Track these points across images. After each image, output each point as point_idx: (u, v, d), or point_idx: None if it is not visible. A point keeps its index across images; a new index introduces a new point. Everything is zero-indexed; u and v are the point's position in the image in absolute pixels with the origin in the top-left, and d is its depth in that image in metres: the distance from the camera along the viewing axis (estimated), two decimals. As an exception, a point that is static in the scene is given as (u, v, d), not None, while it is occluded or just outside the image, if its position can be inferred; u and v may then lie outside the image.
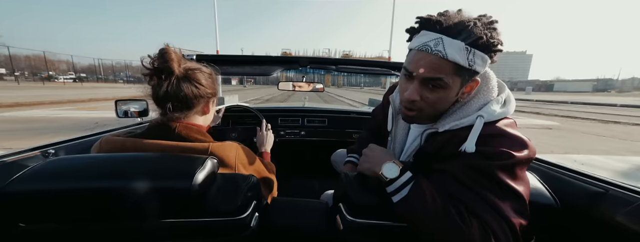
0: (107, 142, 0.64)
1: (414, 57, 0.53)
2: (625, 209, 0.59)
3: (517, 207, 0.48)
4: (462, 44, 0.48)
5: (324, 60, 1.43)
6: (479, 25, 0.48)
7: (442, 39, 0.49)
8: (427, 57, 0.50)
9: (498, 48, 0.50)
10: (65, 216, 0.49)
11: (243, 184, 0.57)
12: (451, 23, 0.49)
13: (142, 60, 0.63)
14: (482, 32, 0.48)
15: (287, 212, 0.69)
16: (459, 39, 0.48)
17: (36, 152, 0.84)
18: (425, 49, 0.50)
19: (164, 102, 0.64)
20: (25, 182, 0.47)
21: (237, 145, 0.72)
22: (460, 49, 0.48)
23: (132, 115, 1.24)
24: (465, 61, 0.49)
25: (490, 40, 0.48)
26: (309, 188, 1.29)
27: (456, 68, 0.50)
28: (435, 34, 0.50)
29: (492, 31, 0.49)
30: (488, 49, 0.49)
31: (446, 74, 0.50)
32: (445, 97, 0.54)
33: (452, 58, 0.48)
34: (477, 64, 0.50)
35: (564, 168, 0.80)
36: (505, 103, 0.58)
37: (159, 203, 0.48)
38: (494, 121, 0.54)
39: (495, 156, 0.49)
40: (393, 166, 0.55)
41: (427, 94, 0.54)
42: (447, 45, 0.48)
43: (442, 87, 0.52)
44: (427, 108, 0.56)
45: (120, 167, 0.51)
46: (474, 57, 0.49)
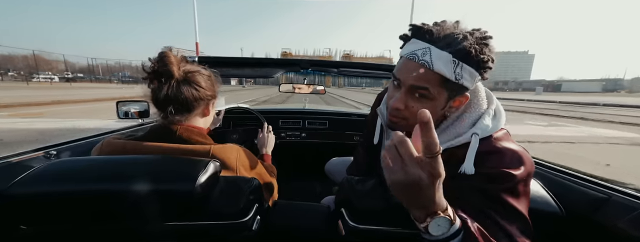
0: (108, 145, 0.64)
1: (402, 65, 0.53)
2: (628, 216, 0.59)
3: (523, 228, 0.48)
4: (449, 56, 0.47)
5: (325, 63, 1.43)
6: (470, 39, 0.47)
7: (430, 49, 0.49)
8: (414, 66, 0.50)
9: (488, 65, 0.49)
10: (67, 219, 0.50)
11: (245, 187, 0.57)
12: (442, 34, 0.49)
13: (144, 64, 0.64)
14: (471, 46, 0.47)
15: (288, 216, 0.69)
16: (446, 51, 0.47)
17: (39, 153, 0.85)
18: (413, 57, 0.50)
19: (164, 106, 0.65)
20: (27, 185, 0.47)
21: (238, 147, 0.72)
22: (447, 61, 0.47)
23: (133, 116, 1.25)
24: (451, 74, 0.48)
25: (480, 56, 0.47)
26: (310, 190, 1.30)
27: (442, 80, 0.49)
28: (424, 43, 0.50)
29: (484, 46, 0.48)
30: (477, 65, 0.48)
31: (432, 85, 0.50)
32: (430, 108, 0.50)
33: (438, 69, 0.48)
34: (465, 78, 0.49)
35: (567, 173, 0.80)
36: (496, 114, 0.58)
37: (161, 206, 0.48)
38: (488, 136, 0.54)
39: (498, 178, 0.48)
40: (444, 221, 0.40)
41: (412, 103, 0.54)
42: (434, 56, 0.48)
43: (427, 97, 0.52)
44: (411, 118, 0.55)
45: (123, 170, 0.51)
46: (461, 71, 0.48)
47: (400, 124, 0.58)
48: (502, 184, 0.48)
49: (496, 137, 0.54)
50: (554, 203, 0.63)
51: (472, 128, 0.54)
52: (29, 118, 6.09)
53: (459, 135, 0.55)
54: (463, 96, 0.54)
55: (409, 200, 0.40)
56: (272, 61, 1.44)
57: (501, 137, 0.54)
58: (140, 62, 0.64)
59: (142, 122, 1.33)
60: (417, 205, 0.40)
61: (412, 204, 0.40)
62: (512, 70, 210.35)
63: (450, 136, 0.56)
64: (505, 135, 0.56)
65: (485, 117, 0.55)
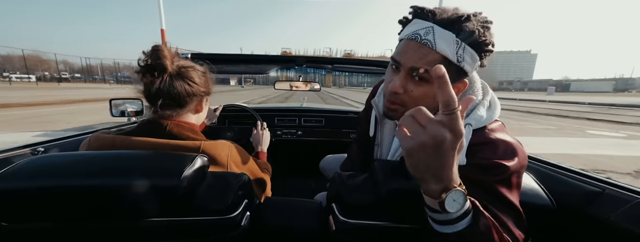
0: (96, 140, 0.64)
1: (402, 47, 0.52)
2: (621, 209, 0.59)
3: (517, 221, 0.48)
4: (453, 36, 0.47)
5: (320, 59, 1.44)
6: (473, 20, 0.47)
7: (433, 28, 0.48)
8: (415, 46, 0.49)
9: (489, 48, 0.49)
10: (48, 215, 0.49)
11: (234, 183, 0.56)
12: (445, 14, 0.48)
13: (139, 60, 0.63)
14: (475, 27, 0.46)
15: (279, 212, 0.69)
16: (450, 31, 0.47)
17: (26, 150, 0.85)
18: (415, 37, 0.49)
19: (155, 100, 0.64)
20: (5, 180, 0.46)
21: (230, 144, 0.72)
22: (451, 41, 0.47)
23: (129, 114, 1.26)
24: (454, 55, 0.47)
25: (482, 38, 0.47)
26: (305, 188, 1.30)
27: (444, 62, 0.48)
28: (427, 22, 0.49)
29: (486, 29, 0.48)
30: (479, 47, 0.48)
31: (428, 66, 0.48)
32: (430, 93, 0.52)
33: (441, 49, 0.47)
34: (466, 61, 0.48)
35: (560, 167, 0.81)
36: (491, 106, 0.57)
37: (145, 201, 0.48)
38: (482, 127, 0.53)
39: (491, 169, 0.48)
40: (459, 195, 0.39)
41: (411, 86, 0.52)
42: (438, 35, 0.47)
43: (427, 80, 0.51)
44: (410, 103, 0.54)
45: (106, 165, 0.51)
46: (463, 52, 0.47)
47: (398, 111, 0.56)
48: (495, 175, 0.48)
49: (490, 128, 0.54)
50: (546, 196, 0.64)
51: (466, 118, 0.53)
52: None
53: None
54: (461, 82, 0.53)
55: (428, 169, 0.37)
56: (268, 58, 1.44)
57: (495, 129, 0.54)
58: (137, 60, 0.63)
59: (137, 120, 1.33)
60: (436, 175, 0.37)
61: (431, 174, 0.37)
62: (514, 70, 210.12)
63: None
64: (499, 126, 0.56)
65: (479, 108, 0.55)
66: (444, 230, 0.41)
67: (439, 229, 0.42)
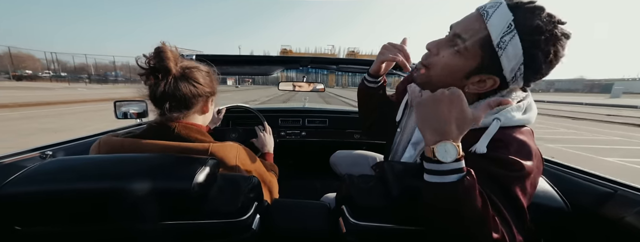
0: (105, 143, 0.65)
1: (467, 15, 0.53)
2: (634, 209, 0.60)
3: (519, 220, 0.48)
4: (511, 17, 0.45)
5: (324, 60, 1.45)
6: (544, 15, 0.45)
7: (500, 4, 0.47)
8: (474, 16, 0.50)
9: (546, 60, 0.46)
10: (61, 219, 0.50)
11: (244, 185, 0.57)
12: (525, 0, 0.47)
13: (138, 60, 0.63)
14: (540, 23, 0.44)
15: (288, 214, 0.70)
16: (513, 14, 0.45)
17: (34, 154, 0.87)
18: (481, 8, 0.50)
19: (161, 102, 0.65)
20: (19, 185, 0.47)
21: (238, 145, 0.73)
22: (505, 20, 0.45)
23: (132, 116, 1.28)
24: (497, 36, 0.46)
25: (542, 37, 0.44)
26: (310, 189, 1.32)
27: (484, 41, 0.48)
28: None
29: (554, 35, 0.45)
30: (531, 45, 0.45)
31: (472, 39, 0.49)
32: (454, 65, 0.53)
33: (490, 24, 0.46)
34: (506, 51, 0.46)
35: (572, 169, 0.82)
36: (526, 111, 0.57)
37: (157, 204, 0.49)
38: (511, 126, 0.54)
39: (508, 164, 0.49)
40: (451, 148, 0.44)
41: (444, 51, 0.54)
42: (498, 11, 0.46)
43: (458, 50, 0.51)
44: (435, 68, 0.56)
45: (118, 168, 0.52)
46: (509, 39, 0.45)
47: (425, 76, 0.59)
48: (511, 171, 0.48)
49: (519, 130, 0.54)
50: (560, 199, 0.65)
51: (496, 114, 0.54)
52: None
53: None
54: (489, 77, 0.52)
55: (427, 120, 0.47)
56: (272, 59, 1.46)
57: (523, 132, 0.54)
58: (135, 59, 0.64)
59: (140, 123, 1.36)
60: (433, 127, 0.46)
61: (429, 125, 0.47)
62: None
63: None
64: (527, 131, 0.55)
65: (513, 109, 0.54)
66: (433, 179, 0.46)
67: (429, 178, 0.46)
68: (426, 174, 0.47)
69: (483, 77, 0.53)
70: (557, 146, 5.35)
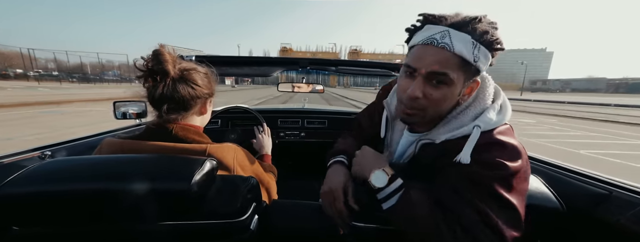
0: (107, 145, 0.67)
1: (418, 52, 0.54)
2: (630, 211, 0.61)
3: (511, 220, 0.49)
4: (468, 37, 0.50)
5: (323, 61, 1.47)
6: (484, 21, 0.51)
7: (449, 32, 0.51)
8: (433, 51, 0.52)
9: (500, 46, 0.52)
10: (59, 219, 0.50)
11: (242, 186, 0.58)
12: (458, 18, 0.52)
13: (136, 62, 0.64)
14: (486, 28, 0.51)
15: (287, 215, 0.71)
16: (465, 32, 0.50)
17: (35, 154, 0.88)
18: (431, 42, 0.52)
19: (159, 104, 0.66)
20: (17, 185, 0.48)
21: (236, 146, 0.74)
22: (467, 42, 0.50)
23: (131, 116, 1.30)
24: (471, 56, 0.51)
25: (494, 37, 0.51)
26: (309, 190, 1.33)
27: (461, 63, 0.51)
28: (441, 26, 0.52)
29: (495, 30, 0.52)
30: (491, 46, 0.52)
31: (452, 69, 0.51)
32: (449, 95, 0.55)
33: (459, 51, 0.50)
34: (481, 61, 0.52)
35: (568, 170, 0.83)
36: (502, 109, 0.60)
37: (156, 205, 0.49)
38: (490, 129, 0.56)
39: (491, 166, 0.51)
40: (381, 174, 0.59)
41: (430, 91, 0.54)
42: (454, 38, 0.50)
43: (446, 83, 0.53)
44: (429, 107, 0.56)
45: (115, 169, 0.52)
46: (478, 52, 0.51)
47: (417, 115, 0.59)
48: (495, 172, 0.50)
49: (498, 131, 0.56)
50: (555, 199, 0.66)
51: (475, 121, 0.57)
52: None
53: (461, 127, 0.57)
54: (474, 82, 0.57)
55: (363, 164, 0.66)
56: (271, 60, 1.47)
57: (503, 131, 0.56)
58: (133, 61, 0.65)
59: (140, 123, 1.38)
60: (367, 165, 0.64)
61: (364, 165, 0.66)
62: (529, 69, 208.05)
63: (451, 127, 0.59)
64: (507, 130, 0.58)
65: (489, 111, 0.58)
66: (385, 206, 0.58)
67: (383, 206, 0.58)
68: (381, 204, 0.59)
69: (470, 85, 0.57)
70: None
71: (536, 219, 0.53)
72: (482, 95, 0.61)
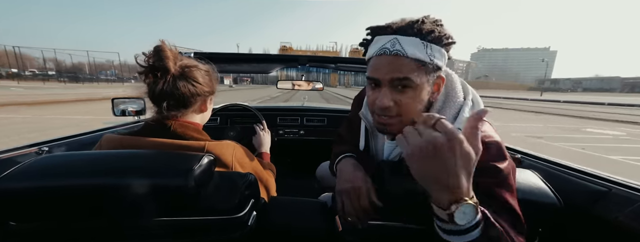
0: (106, 141, 0.67)
1: (375, 63, 0.56)
2: (628, 208, 0.62)
3: (515, 222, 0.49)
4: (417, 39, 0.52)
5: (323, 58, 1.48)
6: (427, 21, 0.53)
7: (397, 39, 0.53)
8: (388, 59, 0.54)
9: (450, 40, 0.55)
10: (56, 215, 0.51)
11: (240, 182, 0.59)
12: (402, 23, 0.54)
13: (137, 58, 0.64)
14: (432, 27, 0.53)
15: (285, 212, 0.71)
16: (413, 36, 0.53)
17: (31, 149, 0.89)
18: (384, 51, 0.54)
19: (160, 101, 0.66)
20: (12, 180, 0.48)
21: (235, 144, 0.75)
22: (418, 44, 0.52)
23: (130, 114, 1.31)
24: (425, 55, 0.53)
25: (441, 33, 0.53)
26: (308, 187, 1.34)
27: (418, 64, 0.53)
28: (389, 36, 0.54)
29: (440, 27, 0.54)
30: (441, 42, 0.54)
31: (411, 72, 0.53)
32: (418, 97, 0.56)
33: (412, 54, 0.52)
34: (437, 57, 0.54)
35: (566, 167, 0.83)
36: (474, 105, 0.61)
37: (153, 201, 0.49)
38: None
39: (488, 171, 0.50)
40: (469, 209, 0.40)
41: (399, 97, 0.56)
42: (404, 43, 0.53)
43: (411, 86, 0.54)
44: (404, 112, 0.57)
45: (112, 165, 0.53)
46: (431, 50, 0.53)
47: (394, 125, 0.59)
48: (491, 178, 0.50)
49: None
50: (553, 195, 0.66)
51: (455, 123, 0.58)
52: None
53: None
54: (439, 78, 0.58)
55: (430, 175, 0.41)
56: (270, 57, 1.49)
57: (484, 129, 0.57)
58: (134, 57, 0.65)
59: (138, 120, 1.39)
60: (440, 183, 0.40)
61: (435, 181, 0.41)
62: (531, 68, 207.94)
63: None
64: (487, 126, 0.59)
65: (464, 110, 0.59)
66: (452, 239, 0.43)
67: (447, 238, 0.43)
68: (443, 233, 0.44)
69: (435, 82, 0.58)
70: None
71: (534, 215, 0.53)
72: (452, 93, 0.62)
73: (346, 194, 0.61)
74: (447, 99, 0.62)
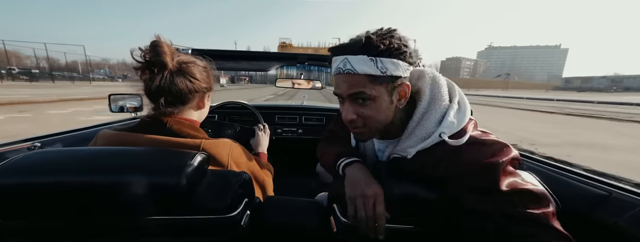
0: (102, 137, 0.68)
1: (335, 81, 0.63)
2: (628, 213, 0.62)
3: (534, 200, 0.52)
4: (365, 56, 0.57)
5: (322, 57, 1.49)
6: (374, 37, 0.57)
7: (347, 58, 0.58)
8: (343, 77, 0.60)
9: (402, 50, 0.58)
10: (43, 212, 0.50)
11: (234, 181, 0.59)
12: (352, 43, 0.59)
13: (132, 53, 0.65)
14: (377, 42, 0.56)
15: (280, 211, 0.72)
16: (360, 54, 0.57)
17: (24, 145, 0.90)
18: (338, 71, 0.60)
19: (156, 97, 0.67)
20: (1, 176, 0.48)
21: (232, 142, 0.75)
22: (365, 61, 0.57)
23: (128, 110, 1.33)
24: (375, 70, 0.57)
25: (390, 46, 0.57)
26: (306, 187, 1.35)
27: (371, 78, 0.58)
28: (341, 56, 0.60)
29: (389, 38, 0.57)
30: (391, 54, 0.57)
31: (365, 87, 0.58)
32: (379, 107, 0.61)
33: (362, 71, 0.57)
34: (390, 69, 0.57)
35: (566, 170, 0.84)
36: (461, 107, 0.64)
37: (144, 199, 0.49)
38: (459, 130, 0.60)
39: (485, 170, 0.54)
40: None
41: (360, 109, 0.62)
42: (353, 62, 0.57)
43: (370, 99, 0.60)
44: (369, 122, 0.63)
45: (102, 162, 0.52)
46: (382, 64, 0.57)
47: (364, 134, 0.67)
48: (491, 176, 0.54)
49: (465, 129, 0.60)
50: (550, 197, 0.68)
51: (439, 127, 0.60)
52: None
53: (428, 136, 0.61)
54: (402, 85, 0.61)
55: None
56: (268, 55, 1.50)
57: (471, 129, 0.61)
58: (130, 52, 0.65)
59: (135, 116, 1.41)
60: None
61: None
62: (542, 66, 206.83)
63: (419, 137, 0.62)
64: (474, 126, 0.63)
65: (449, 113, 0.61)
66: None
67: None
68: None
69: (399, 90, 0.62)
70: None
71: None
72: (438, 97, 0.64)
73: (361, 199, 0.62)
74: (431, 102, 0.64)
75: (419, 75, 0.66)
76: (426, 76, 0.66)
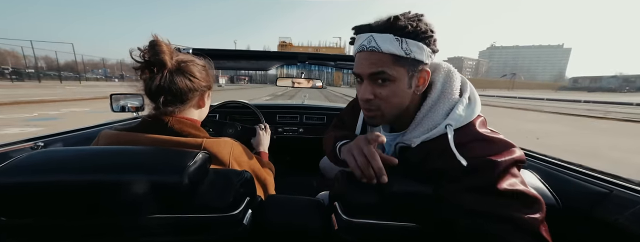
0: (104, 136, 0.69)
1: (357, 60, 0.63)
2: (629, 210, 0.62)
3: (528, 204, 0.51)
4: (390, 35, 0.57)
5: (322, 56, 1.50)
6: (402, 18, 0.57)
7: (373, 36, 0.58)
8: (365, 55, 0.60)
9: (428, 34, 0.58)
10: (47, 211, 0.51)
11: (236, 180, 0.59)
12: (379, 22, 0.59)
13: (132, 53, 0.65)
14: (406, 23, 0.56)
15: (281, 210, 0.72)
16: (387, 32, 0.57)
17: (26, 145, 0.91)
18: (362, 48, 0.60)
19: (156, 97, 0.67)
20: (4, 175, 0.48)
21: (233, 141, 0.76)
22: (391, 40, 0.57)
23: (129, 109, 1.34)
24: (400, 50, 0.57)
25: (417, 29, 0.57)
26: (307, 185, 1.36)
27: (394, 58, 0.58)
28: (366, 34, 0.60)
29: (417, 21, 0.58)
30: (418, 37, 0.57)
31: (387, 66, 0.58)
32: (397, 90, 0.61)
33: (387, 50, 0.57)
34: (415, 51, 0.58)
35: (566, 167, 0.84)
36: (471, 103, 0.64)
37: (146, 198, 0.49)
38: (465, 124, 0.60)
39: (484, 168, 0.52)
40: None
41: (378, 90, 0.62)
42: (379, 40, 0.58)
43: (389, 80, 0.60)
44: (384, 105, 0.63)
45: (106, 161, 0.53)
46: (407, 45, 0.57)
47: (376, 117, 0.66)
48: (491, 173, 0.52)
49: (474, 124, 0.60)
50: (551, 196, 0.67)
51: (446, 119, 0.60)
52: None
53: (434, 126, 0.61)
54: (423, 71, 0.62)
55: None
56: (268, 54, 1.50)
57: (478, 125, 0.61)
58: (129, 52, 0.66)
59: (137, 116, 1.41)
60: None
61: None
62: (544, 66, 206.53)
63: (425, 128, 0.63)
64: (482, 123, 0.62)
65: (458, 107, 0.61)
66: None
67: None
68: None
69: (419, 76, 0.62)
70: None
71: None
72: (449, 90, 0.64)
73: (356, 149, 0.62)
74: (442, 95, 0.64)
75: (435, 68, 0.67)
76: (441, 70, 0.67)
